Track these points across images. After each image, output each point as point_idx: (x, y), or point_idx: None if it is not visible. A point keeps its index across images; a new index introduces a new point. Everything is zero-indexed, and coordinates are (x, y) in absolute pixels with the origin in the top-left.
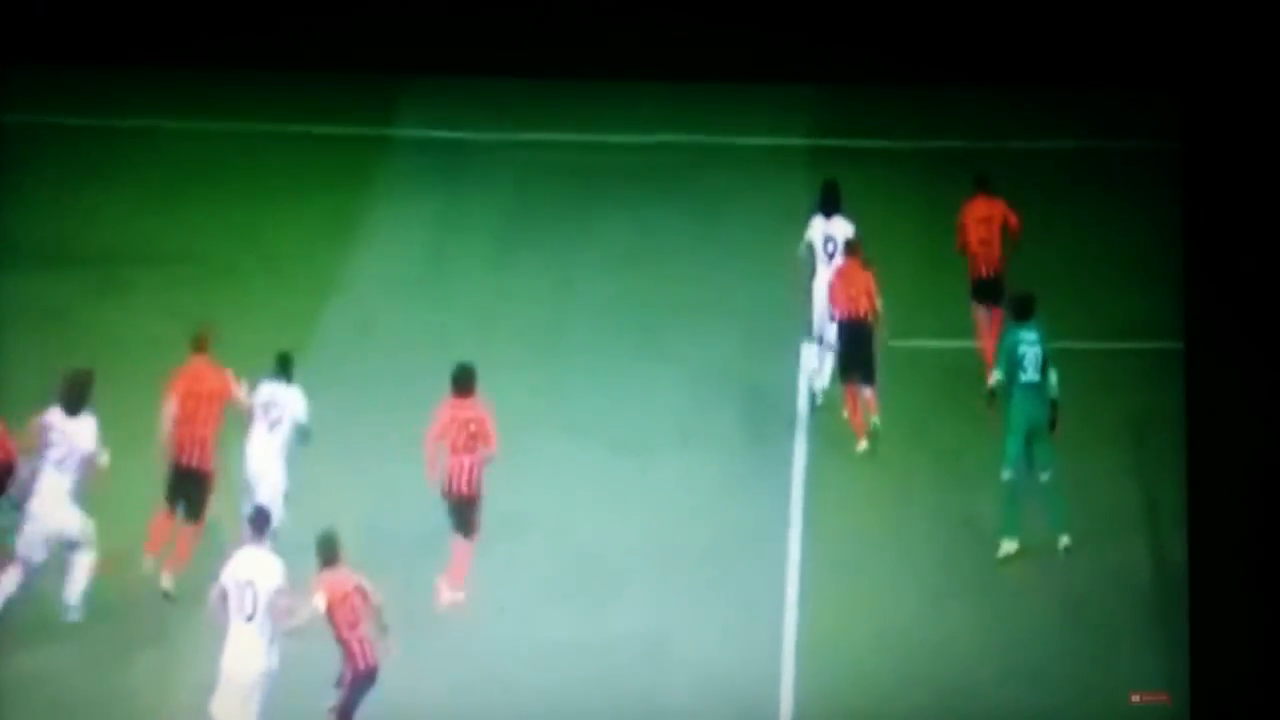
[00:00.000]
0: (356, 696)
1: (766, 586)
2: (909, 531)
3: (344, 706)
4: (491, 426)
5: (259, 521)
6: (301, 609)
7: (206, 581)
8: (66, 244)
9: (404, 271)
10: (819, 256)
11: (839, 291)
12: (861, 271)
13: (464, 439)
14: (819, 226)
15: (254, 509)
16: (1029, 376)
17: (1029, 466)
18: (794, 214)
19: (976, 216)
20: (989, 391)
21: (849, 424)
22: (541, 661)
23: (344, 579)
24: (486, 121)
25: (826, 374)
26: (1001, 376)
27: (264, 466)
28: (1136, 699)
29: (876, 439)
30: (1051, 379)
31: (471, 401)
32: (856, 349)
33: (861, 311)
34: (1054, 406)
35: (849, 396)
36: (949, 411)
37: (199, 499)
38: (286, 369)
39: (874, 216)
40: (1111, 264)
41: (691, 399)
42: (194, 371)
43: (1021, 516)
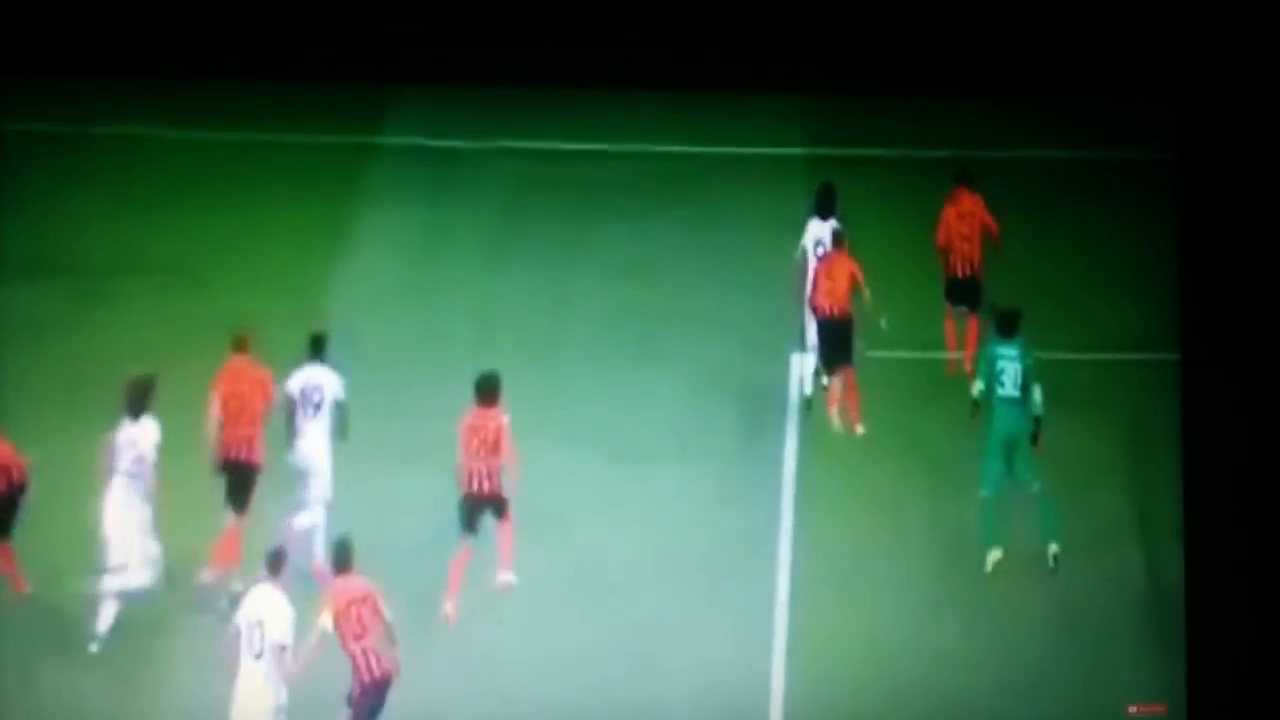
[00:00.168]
0: (366, 710)
1: (759, 597)
2: (903, 541)
3: None
4: (506, 437)
5: (275, 562)
6: (309, 637)
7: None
8: (52, 253)
9: (395, 282)
10: (810, 259)
11: (821, 283)
12: (846, 261)
13: (483, 447)
14: (813, 229)
15: (273, 549)
16: (1007, 392)
17: (1010, 480)
18: (790, 223)
19: (959, 211)
20: (973, 402)
21: (845, 416)
22: (539, 672)
23: (354, 587)
24: (478, 130)
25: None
26: (983, 387)
27: (312, 455)
28: (1133, 710)
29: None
30: (1035, 396)
31: (494, 411)
32: (833, 345)
33: (840, 305)
34: (1037, 423)
35: (833, 388)
36: (942, 421)
37: (245, 492)
38: (321, 350)
39: (868, 226)
40: (1107, 275)
41: (689, 408)
42: (234, 372)
43: (1003, 527)
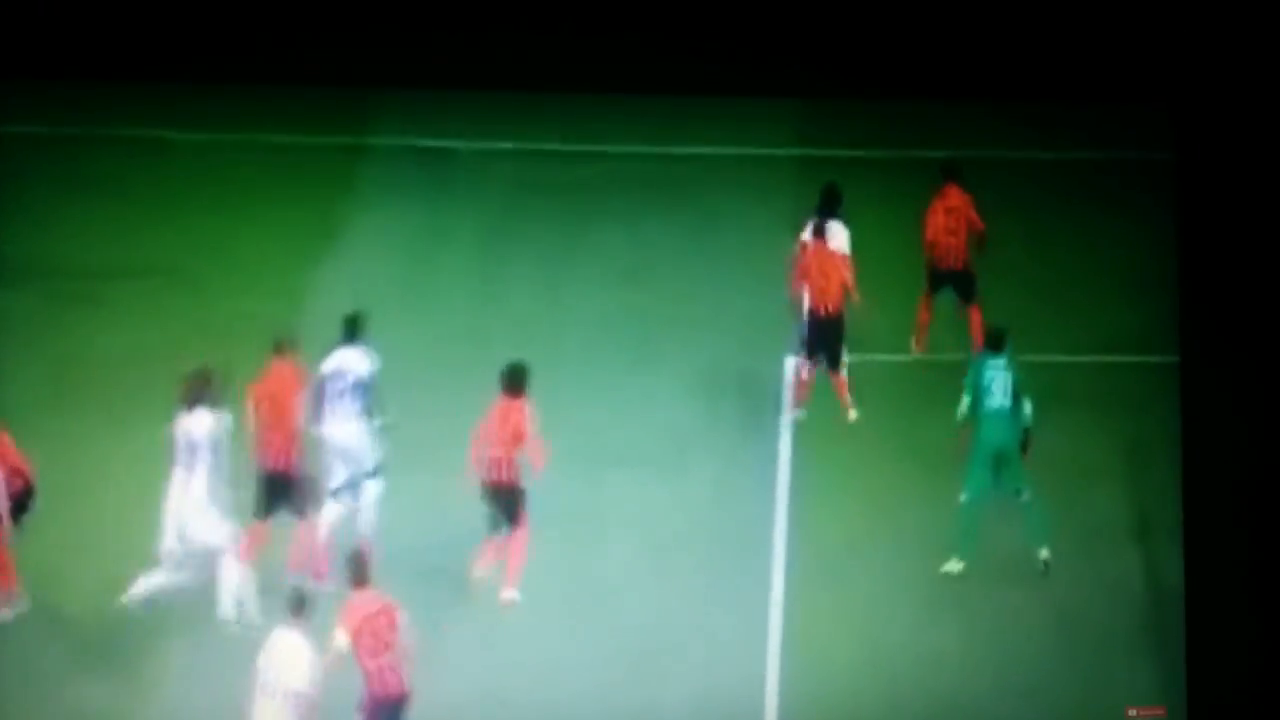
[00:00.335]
0: None
1: (755, 599)
2: (900, 545)
3: None
4: (530, 427)
5: (297, 605)
6: (324, 655)
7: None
8: (43, 255)
9: (391, 284)
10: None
11: (812, 276)
12: (838, 261)
13: (505, 436)
14: (813, 227)
15: (293, 590)
16: (996, 402)
17: (996, 489)
18: (786, 225)
19: (947, 206)
20: (959, 420)
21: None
22: (536, 675)
23: (370, 601)
24: (473, 132)
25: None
26: (970, 401)
27: (345, 437)
28: (1133, 713)
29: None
30: (1025, 409)
31: (519, 402)
32: (824, 341)
33: (832, 303)
34: (1027, 433)
35: (801, 380)
36: (938, 424)
37: (299, 499)
38: (354, 331)
39: (864, 228)
40: (1105, 277)
41: (686, 411)
42: (276, 375)
43: (973, 540)
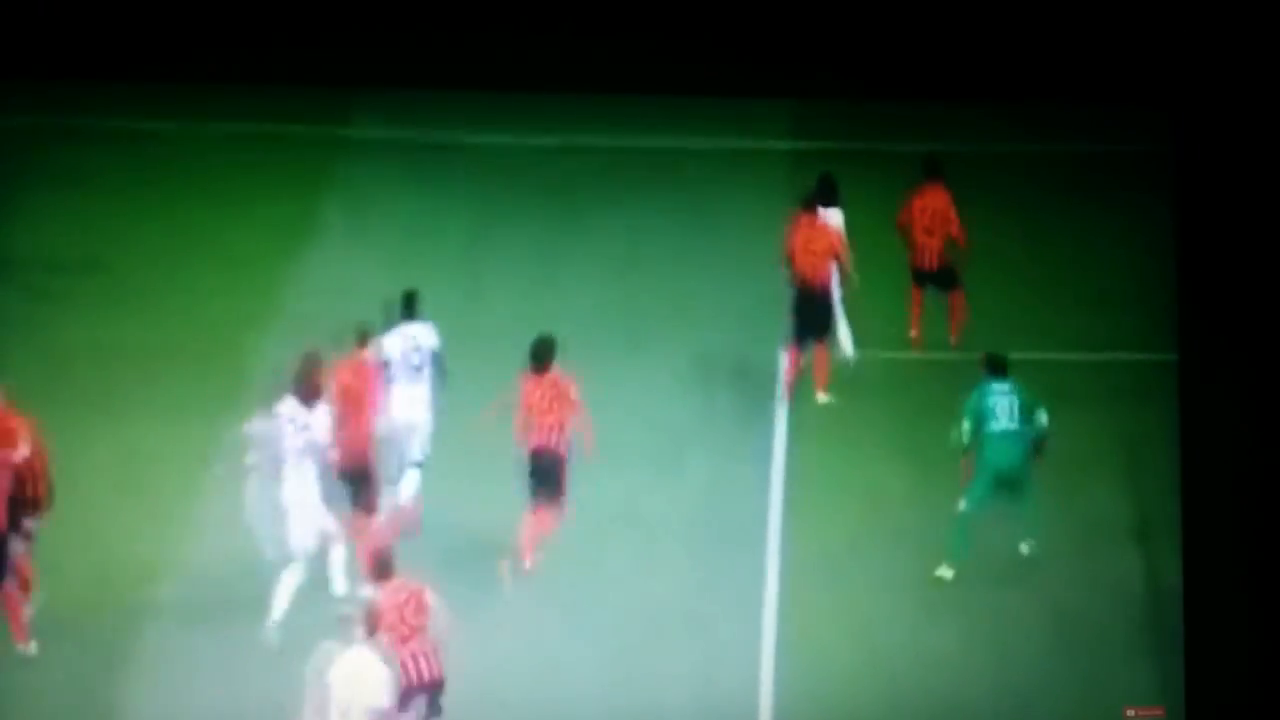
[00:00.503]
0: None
1: (749, 600)
2: (896, 546)
3: None
4: (574, 393)
5: (370, 622)
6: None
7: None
8: (19, 249)
9: (378, 276)
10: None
11: (800, 251)
12: (825, 230)
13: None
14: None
15: (366, 609)
16: (1001, 425)
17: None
18: (781, 218)
19: (923, 204)
20: (960, 446)
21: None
22: (530, 676)
23: (397, 591)
24: (465, 123)
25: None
26: (969, 428)
27: (414, 415)
28: (1131, 713)
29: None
30: (1041, 419)
31: (551, 377)
32: (813, 316)
33: (820, 278)
34: (1042, 441)
35: (793, 359)
36: (936, 424)
37: (370, 494)
38: (413, 307)
39: (858, 224)
40: (1103, 274)
41: (680, 404)
42: (354, 367)
43: (967, 547)
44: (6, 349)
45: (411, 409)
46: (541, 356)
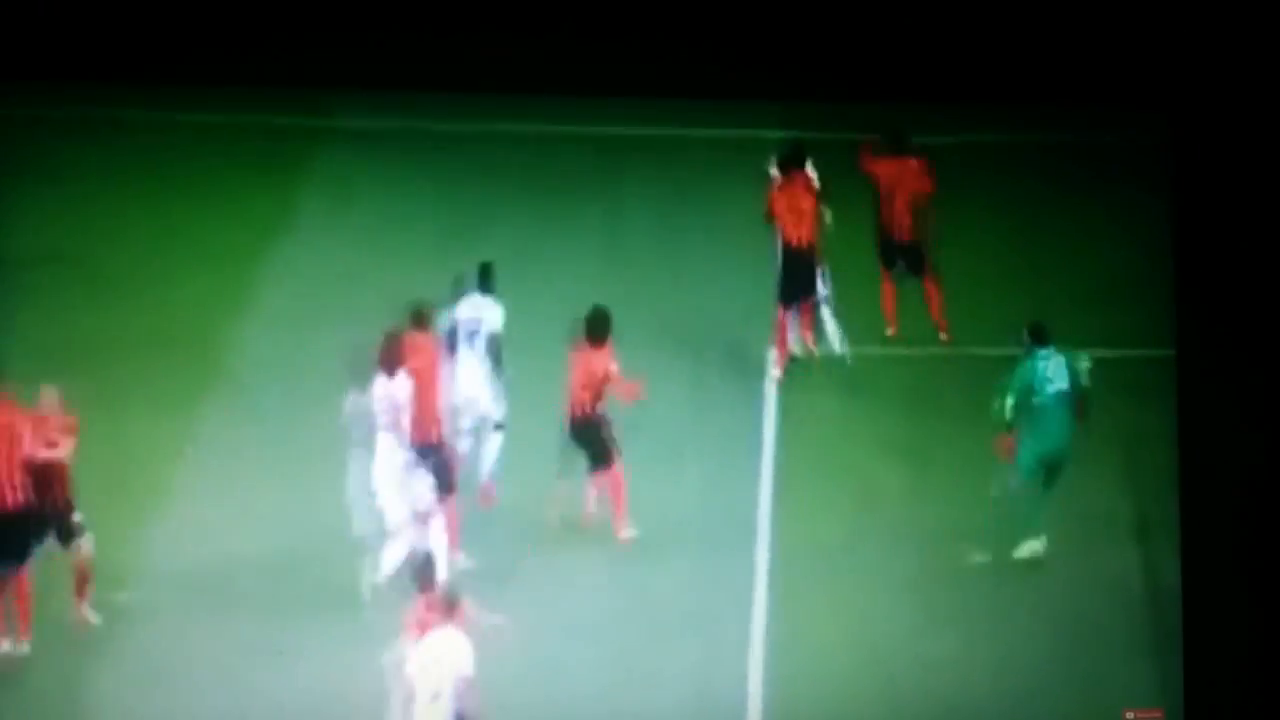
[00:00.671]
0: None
1: (740, 598)
2: (893, 547)
3: None
4: (616, 368)
5: (450, 606)
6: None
7: None
8: None
9: (355, 268)
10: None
11: (783, 212)
12: (806, 195)
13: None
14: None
15: (447, 593)
16: (1055, 386)
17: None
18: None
19: (886, 170)
20: (1005, 424)
21: (803, 346)
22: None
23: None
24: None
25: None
26: (1012, 406)
27: (469, 385)
28: (1131, 715)
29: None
30: (1083, 362)
31: (604, 353)
32: (799, 274)
33: (805, 237)
34: (1082, 400)
35: (781, 324)
36: (932, 422)
37: (446, 473)
38: (488, 279)
39: (851, 216)
40: (1101, 270)
41: (674, 406)
42: (417, 347)
43: (1039, 513)
44: None
45: (465, 376)
46: (599, 330)
